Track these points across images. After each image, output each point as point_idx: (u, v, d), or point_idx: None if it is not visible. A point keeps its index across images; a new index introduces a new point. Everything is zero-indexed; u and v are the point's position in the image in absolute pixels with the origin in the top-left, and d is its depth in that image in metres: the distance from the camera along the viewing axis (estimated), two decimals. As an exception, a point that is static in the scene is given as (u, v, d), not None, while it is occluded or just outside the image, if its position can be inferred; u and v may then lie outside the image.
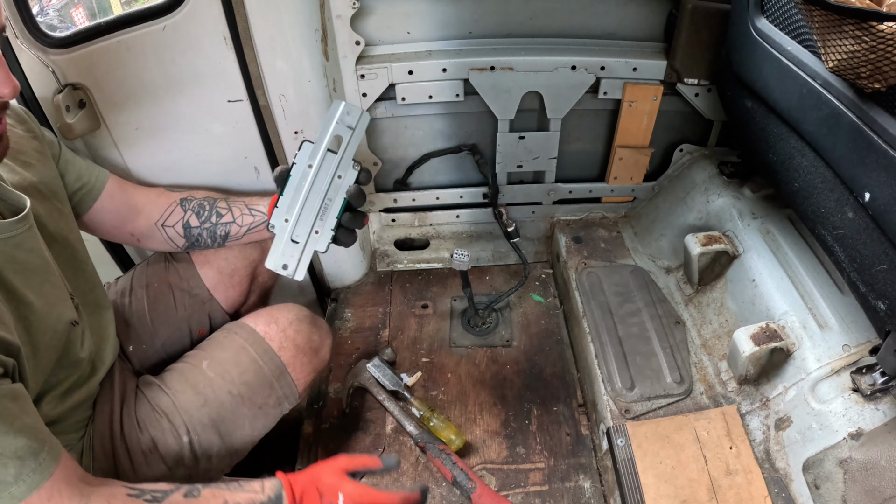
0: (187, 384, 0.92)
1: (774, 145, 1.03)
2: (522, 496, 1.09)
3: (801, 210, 1.01)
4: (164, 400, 0.90)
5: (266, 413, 0.97)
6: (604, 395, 1.13)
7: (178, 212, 1.03)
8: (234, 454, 0.95)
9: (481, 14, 1.28)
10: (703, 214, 1.37)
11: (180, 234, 1.03)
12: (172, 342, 1.07)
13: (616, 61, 1.28)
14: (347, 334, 1.39)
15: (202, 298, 1.10)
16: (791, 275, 1.12)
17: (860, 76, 0.72)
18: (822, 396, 0.95)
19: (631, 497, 0.97)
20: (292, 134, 1.16)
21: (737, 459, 0.99)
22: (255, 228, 1.05)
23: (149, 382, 0.94)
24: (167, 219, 1.02)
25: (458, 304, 1.46)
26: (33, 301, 0.70)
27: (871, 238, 0.81)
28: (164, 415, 0.88)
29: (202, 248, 1.07)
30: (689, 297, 1.30)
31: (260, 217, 1.05)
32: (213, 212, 1.05)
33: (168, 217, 1.02)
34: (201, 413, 0.90)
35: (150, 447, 0.86)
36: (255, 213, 1.05)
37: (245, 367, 0.96)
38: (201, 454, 0.90)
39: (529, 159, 1.44)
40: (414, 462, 1.13)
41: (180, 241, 1.04)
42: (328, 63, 1.16)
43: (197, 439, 0.89)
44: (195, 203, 1.05)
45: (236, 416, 0.93)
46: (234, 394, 0.93)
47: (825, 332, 1.01)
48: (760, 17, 1.01)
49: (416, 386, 1.28)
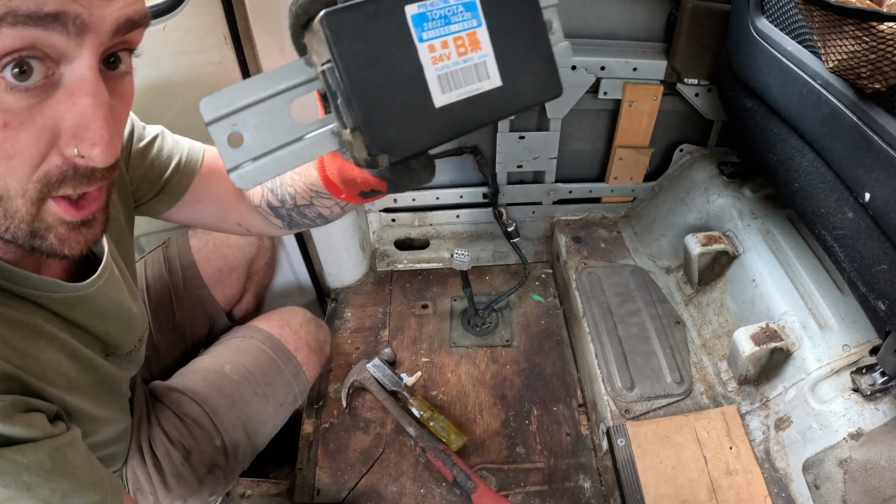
0: (213, 388, 0.92)
1: (774, 145, 1.03)
2: (522, 496, 1.09)
3: (801, 210, 1.01)
4: (192, 407, 0.89)
5: (285, 410, 1.02)
6: (604, 395, 1.13)
7: (256, 189, 0.75)
8: (255, 450, 0.98)
9: (481, 14, 1.28)
10: (703, 214, 1.37)
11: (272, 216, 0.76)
12: (174, 345, 1.06)
13: (616, 61, 1.28)
14: (347, 334, 1.39)
15: (203, 298, 1.10)
16: (791, 275, 1.12)
17: (860, 76, 0.72)
18: (822, 396, 0.95)
19: (631, 497, 0.97)
20: (292, 134, 1.16)
21: (737, 459, 0.99)
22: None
23: (165, 391, 0.91)
24: (253, 197, 0.77)
25: (458, 304, 1.46)
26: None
27: (871, 238, 0.81)
28: (195, 422, 0.88)
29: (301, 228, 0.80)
30: (689, 297, 1.30)
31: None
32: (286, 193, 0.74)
33: (253, 195, 0.77)
34: (231, 415, 0.91)
35: (183, 459, 0.85)
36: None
37: (267, 368, 0.99)
38: (231, 453, 0.91)
39: (529, 159, 1.44)
40: (414, 462, 1.13)
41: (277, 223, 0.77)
42: (328, 63, 1.16)
43: (229, 440, 0.90)
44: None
45: (262, 415, 0.96)
46: (260, 394, 0.96)
47: (825, 332, 1.01)
48: (760, 17, 1.01)
49: (416, 386, 1.28)
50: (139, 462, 0.82)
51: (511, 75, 0.38)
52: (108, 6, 0.39)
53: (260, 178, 0.35)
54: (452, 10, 0.35)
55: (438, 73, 0.35)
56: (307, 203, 0.69)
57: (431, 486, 1.10)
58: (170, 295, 1.06)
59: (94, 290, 0.58)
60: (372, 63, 0.33)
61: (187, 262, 1.09)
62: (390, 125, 0.34)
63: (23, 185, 0.41)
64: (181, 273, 1.08)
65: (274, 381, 0.99)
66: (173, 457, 0.84)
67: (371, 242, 1.60)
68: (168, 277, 1.07)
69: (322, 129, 0.38)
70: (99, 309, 0.60)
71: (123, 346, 0.68)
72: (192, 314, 1.08)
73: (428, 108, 0.35)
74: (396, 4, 0.33)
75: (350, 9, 0.32)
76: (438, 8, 0.35)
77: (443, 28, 0.35)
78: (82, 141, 0.40)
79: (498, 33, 0.37)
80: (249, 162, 0.34)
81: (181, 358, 1.05)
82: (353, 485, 1.10)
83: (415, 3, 0.34)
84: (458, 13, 0.35)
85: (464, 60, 0.36)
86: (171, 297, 1.06)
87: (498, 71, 0.37)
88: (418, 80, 0.35)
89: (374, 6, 0.33)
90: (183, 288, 1.08)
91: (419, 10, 0.34)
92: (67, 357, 0.57)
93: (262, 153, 0.35)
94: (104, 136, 0.40)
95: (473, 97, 0.36)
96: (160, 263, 1.08)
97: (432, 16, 0.34)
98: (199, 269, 1.10)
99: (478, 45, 0.36)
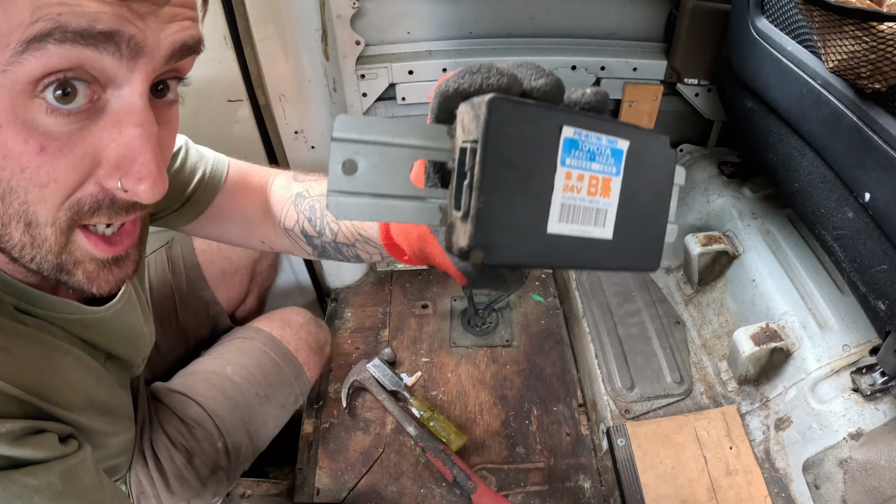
0: (215, 390, 0.92)
1: (774, 145, 1.03)
2: (522, 496, 1.09)
3: (801, 210, 1.01)
4: (194, 409, 0.89)
5: (287, 411, 1.02)
6: (604, 395, 1.13)
7: (292, 213, 0.72)
8: (257, 451, 0.98)
9: (481, 14, 1.28)
10: (703, 214, 1.37)
11: (304, 243, 0.73)
12: (176, 346, 1.06)
13: (616, 61, 1.28)
14: (347, 334, 1.39)
15: (207, 300, 1.09)
16: (791, 275, 1.12)
17: (860, 76, 0.72)
18: (822, 396, 0.95)
19: (631, 497, 0.97)
20: (292, 134, 1.16)
21: (737, 459, 0.99)
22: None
23: (167, 393, 0.91)
24: (285, 219, 0.73)
25: (458, 304, 1.46)
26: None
27: (871, 238, 0.81)
28: (197, 424, 0.88)
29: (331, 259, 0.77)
30: (689, 297, 1.30)
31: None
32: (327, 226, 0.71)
33: (286, 217, 0.72)
34: (233, 417, 0.91)
35: (185, 461, 0.84)
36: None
37: (268, 370, 0.98)
38: (233, 455, 0.91)
39: (529, 159, 1.44)
40: (414, 462, 1.13)
41: (308, 249, 0.73)
42: (328, 63, 1.16)
43: (231, 441, 0.90)
44: (307, 205, 0.72)
45: (263, 416, 0.96)
46: (261, 395, 0.96)
47: (825, 332, 1.01)
48: (760, 17, 1.01)
49: (416, 386, 1.28)
50: (142, 465, 0.82)
51: (623, 234, 0.37)
52: (165, 29, 0.36)
53: (354, 215, 0.34)
54: (600, 150, 0.35)
55: (564, 201, 0.34)
56: (348, 243, 0.67)
57: (431, 486, 1.10)
58: (173, 296, 1.06)
59: (111, 314, 0.57)
60: (512, 163, 0.32)
61: (191, 263, 1.08)
62: (500, 228, 0.33)
63: (53, 214, 0.38)
64: (185, 274, 1.07)
65: (275, 382, 0.99)
66: (176, 459, 0.84)
67: (371, 242, 1.60)
68: (171, 279, 1.06)
69: (431, 199, 0.36)
70: (113, 331, 0.59)
71: (131, 362, 0.68)
72: (195, 315, 1.08)
73: (541, 228, 0.34)
74: (557, 121, 0.33)
75: (518, 105, 0.32)
76: (590, 142, 0.34)
77: (586, 162, 0.34)
78: (127, 174, 0.37)
79: (629, 190, 0.36)
80: (352, 195, 0.33)
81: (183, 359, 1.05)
82: (353, 485, 1.10)
83: (573, 128, 0.33)
84: (604, 155, 0.35)
85: (590, 200, 0.35)
86: (174, 298, 1.06)
87: (614, 224, 0.36)
88: (544, 199, 0.34)
89: (539, 113, 0.33)
90: (186, 289, 1.07)
91: (573, 136, 0.34)
92: (82, 371, 0.56)
93: (367, 192, 0.34)
94: (152, 170, 0.37)
95: (582, 238, 0.35)
96: (163, 264, 1.07)
97: (582, 146, 0.34)
98: (203, 270, 1.09)
99: (608, 193, 0.36)
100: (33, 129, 0.34)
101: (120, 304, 0.58)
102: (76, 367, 0.54)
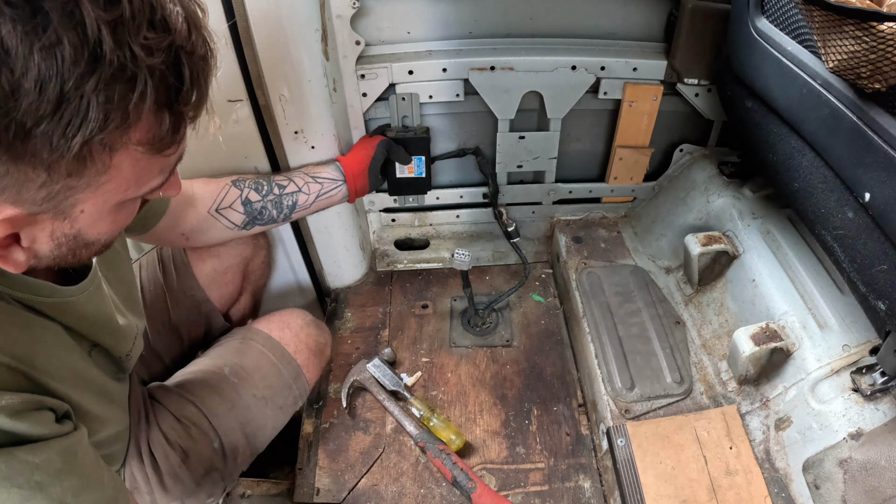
0: (212, 390, 0.92)
1: (774, 145, 1.03)
2: (522, 496, 1.09)
3: (801, 210, 1.01)
4: (190, 409, 0.89)
5: (285, 412, 1.02)
6: (604, 395, 1.13)
7: (233, 192, 0.98)
8: (255, 453, 0.98)
9: (481, 14, 1.28)
10: (703, 214, 1.37)
11: (240, 212, 0.98)
12: (171, 346, 1.06)
13: (616, 61, 1.28)
14: (347, 334, 1.39)
15: (198, 299, 1.09)
16: (791, 275, 1.12)
17: (860, 76, 0.72)
18: (822, 396, 0.95)
19: (631, 497, 0.97)
20: (292, 134, 1.16)
21: (737, 459, 0.99)
22: (324, 195, 1.06)
23: (164, 393, 0.92)
24: (222, 201, 0.97)
25: (458, 304, 1.46)
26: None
27: (871, 238, 0.81)
28: (193, 424, 0.88)
29: (266, 222, 1.03)
30: (689, 297, 1.30)
31: (329, 184, 1.07)
32: (273, 185, 1.02)
33: (223, 199, 0.97)
34: (230, 417, 0.92)
35: (180, 461, 0.85)
36: (319, 180, 1.06)
37: (266, 371, 0.99)
38: (230, 456, 0.91)
39: (529, 159, 1.44)
40: (414, 462, 1.13)
41: (239, 218, 0.98)
42: (328, 63, 1.16)
43: (227, 442, 0.91)
44: (250, 181, 1.02)
45: (261, 417, 0.96)
46: (259, 397, 0.96)
47: (825, 332, 1.01)
48: (760, 17, 1.01)
49: (416, 386, 1.28)
50: (137, 462, 0.82)
51: None
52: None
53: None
54: None
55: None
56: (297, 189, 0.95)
57: (431, 486, 1.10)
58: (164, 295, 1.06)
59: (84, 296, 0.61)
60: None
61: (181, 262, 1.09)
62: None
63: None
64: (175, 273, 1.08)
65: (273, 383, 0.99)
66: (171, 458, 0.84)
67: (371, 242, 1.60)
68: (162, 279, 1.07)
69: None
70: (88, 315, 0.62)
71: (113, 351, 0.69)
72: (188, 314, 1.08)
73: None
74: None
75: None
76: None
77: None
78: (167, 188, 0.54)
79: None
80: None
81: (179, 359, 1.05)
82: (353, 485, 1.10)
83: None
84: None
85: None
86: (165, 297, 1.06)
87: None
88: None
89: None
90: (177, 288, 1.07)
91: None
92: (64, 346, 0.58)
93: None
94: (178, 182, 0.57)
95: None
96: (154, 264, 1.08)
97: None
98: (194, 269, 1.10)
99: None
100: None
101: (92, 286, 0.62)
102: (57, 342, 0.57)
